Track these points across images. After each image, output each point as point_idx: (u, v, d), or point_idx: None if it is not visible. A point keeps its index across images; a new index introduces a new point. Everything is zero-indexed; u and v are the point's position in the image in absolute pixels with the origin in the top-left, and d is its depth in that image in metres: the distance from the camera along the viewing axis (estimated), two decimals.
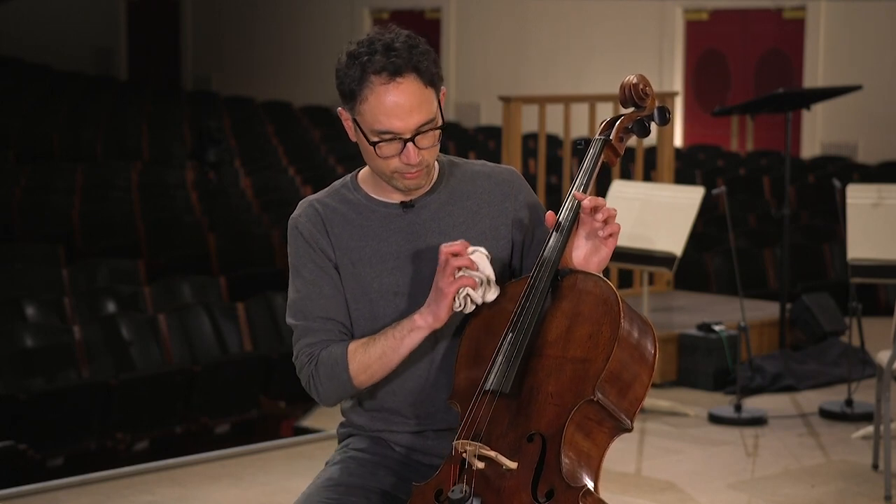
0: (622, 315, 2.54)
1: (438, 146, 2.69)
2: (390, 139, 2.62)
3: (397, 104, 2.59)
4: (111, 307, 7.37)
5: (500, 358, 2.57)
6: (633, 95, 2.79)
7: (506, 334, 2.59)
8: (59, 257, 8.52)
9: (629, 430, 2.58)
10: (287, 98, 18.04)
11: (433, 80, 2.64)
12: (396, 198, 2.76)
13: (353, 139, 2.70)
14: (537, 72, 16.05)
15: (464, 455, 2.53)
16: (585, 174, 2.72)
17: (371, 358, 2.66)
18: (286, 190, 11.53)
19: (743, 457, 5.80)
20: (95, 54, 21.12)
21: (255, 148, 13.96)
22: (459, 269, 2.57)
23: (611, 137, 2.77)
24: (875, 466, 5.45)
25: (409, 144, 2.62)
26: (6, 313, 6.98)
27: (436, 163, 2.78)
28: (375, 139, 2.63)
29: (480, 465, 2.51)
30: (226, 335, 7.28)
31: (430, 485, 2.58)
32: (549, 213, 2.68)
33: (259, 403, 6.98)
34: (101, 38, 21.19)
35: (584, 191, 2.69)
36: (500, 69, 16.37)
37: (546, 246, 2.65)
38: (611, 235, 2.64)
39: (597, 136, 2.80)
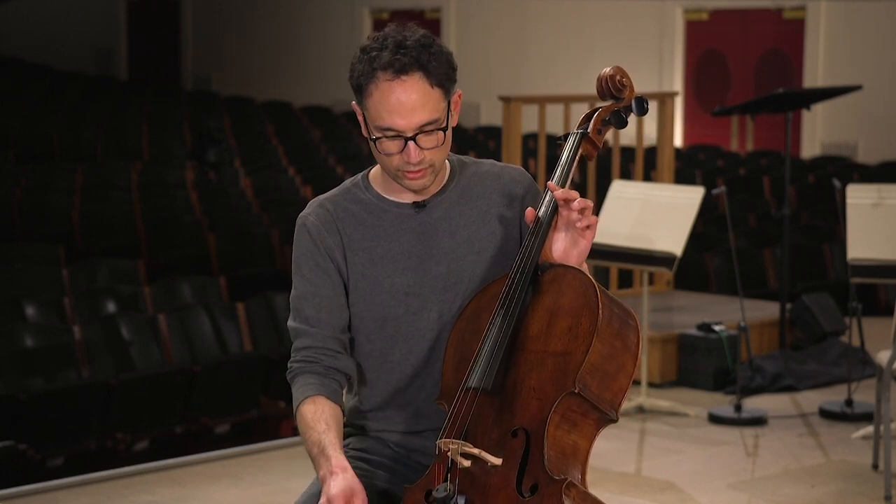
0: (600, 306, 2.53)
1: (446, 147, 2.69)
2: (392, 136, 2.62)
3: (400, 102, 2.59)
4: (111, 307, 7.37)
5: (482, 355, 2.58)
6: (611, 87, 2.79)
7: (487, 331, 2.59)
8: (59, 257, 8.52)
9: (614, 420, 2.57)
10: (287, 98, 18.04)
11: (442, 81, 2.63)
12: (408, 197, 2.76)
13: (365, 135, 2.71)
14: (537, 72, 16.05)
15: (448, 453, 2.52)
16: (563, 168, 2.72)
17: (304, 436, 2.65)
18: (286, 190, 11.52)
19: (743, 457, 5.81)
20: (95, 54, 21.12)
21: (255, 148, 13.96)
22: None
23: (588, 131, 2.77)
24: (875, 466, 5.45)
25: (411, 143, 2.62)
26: (6, 313, 6.98)
27: (447, 162, 2.79)
28: (378, 135, 2.63)
29: (466, 462, 2.51)
30: (226, 335, 7.28)
31: (419, 485, 2.59)
32: (529, 210, 2.68)
33: (259, 403, 6.98)
34: (101, 38, 21.19)
35: (562, 184, 2.68)
36: (500, 69, 16.37)
37: (525, 241, 2.65)
38: (588, 227, 2.63)
39: (574, 130, 2.79)
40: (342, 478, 2.50)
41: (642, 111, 2.80)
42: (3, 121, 13.91)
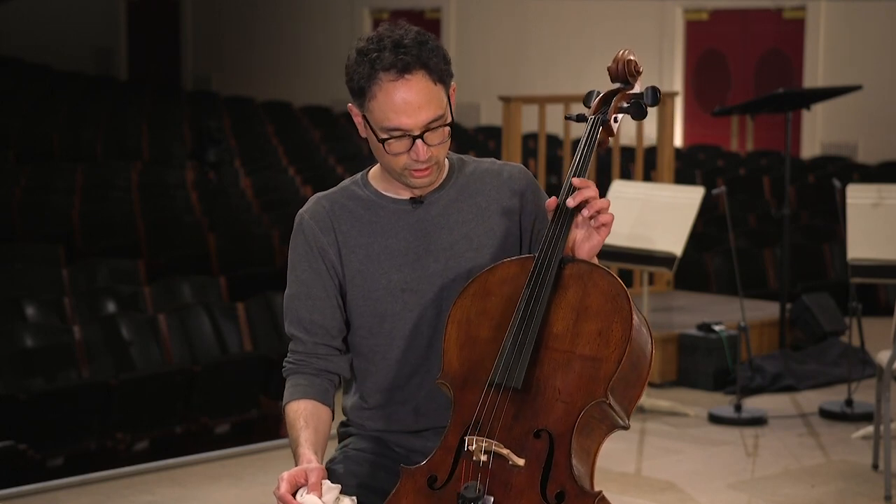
0: (633, 314, 2.49)
1: (448, 143, 2.69)
2: (400, 136, 2.62)
3: (406, 101, 2.59)
4: (111, 307, 7.36)
5: (507, 348, 2.52)
6: (626, 71, 2.75)
7: (512, 323, 2.54)
8: (59, 257, 8.51)
9: (626, 428, 2.54)
10: (287, 98, 18.04)
11: (442, 76, 2.63)
12: (405, 194, 2.76)
13: (364, 135, 2.70)
14: (537, 72, 16.05)
15: (471, 448, 2.47)
16: (583, 157, 2.67)
17: (289, 428, 2.68)
18: (286, 190, 11.52)
19: (743, 457, 5.81)
20: (95, 54, 21.12)
21: (255, 148, 13.95)
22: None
23: (608, 117, 2.73)
24: (875, 466, 5.45)
25: (419, 141, 2.62)
26: (6, 313, 6.97)
27: (446, 160, 2.79)
28: (385, 136, 2.62)
29: (484, 458, 2.47)
30: (226, 335, 7.27)
31: (421, 470, 2.53)
32: (552, 199, 2.63)
33: (259, 403, 6.98)
34: (101, 38, 21.19)
35: (583, 174, 2.64)
36: (500, 69, 16.37)
37: (548, 231, 2.60)
38: (603, 225, 2.60)
39: (592, 115, 2.74)
40: (304, 466, 2.54)
41: (655, 101, 2.74)
42: (3, 121, 13.90)
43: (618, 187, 6.75)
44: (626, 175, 9.64)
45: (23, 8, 19.80)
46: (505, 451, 2.46)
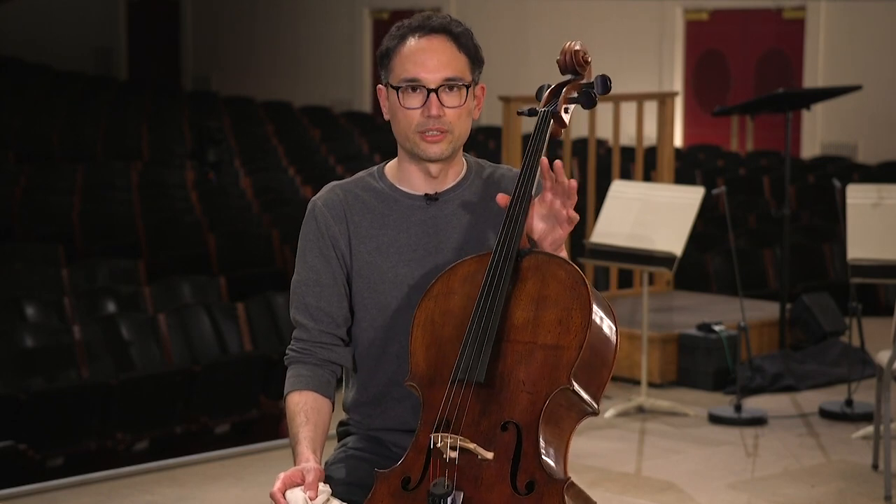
0: (592, 300, 2.51)
1: (467, 119, 2.71)
2: (416, 87, 2.66)
3: (425, 54, 2.67)
4: (111, 307, 7.37)
5: (468, 344, 2.54)
6: (574, 62, 2.77)
7: (472, 319, 2.55)
8: (59, 257, 8.51)
9: (595, 414, 2.56)
10: (287, 98, 18.03)
11: (469, 51, 2.72)
12: (421, 189, 2.77)
13: (387, 117, 2.74)
14: (537, 72, 16.04)
15: (438, 445, 2.48)
16: (534, 150, 2.68)
17: (289, 420, 2.69)
18: (286, 190, 11.52)
19: (743, 457, 5.81)
20: (95, 54, 21.11)
21: (255, 148, 13.95)
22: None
23: (557, 109, 2.74)
24: (875, 466, 5.45)
25: (433, 95, 2.66)
26: (6, 313, 6.97)
27: (464, 161, 2.81)
28: (401, 85, 2.67)
29: (453, 454, 2.48)
30: (226, 335, 7.28)
31: (395, 472, 2.55)
32: (501, 196, 2.65)
33: (259, 403, 6.98)
34: (101, 38, 21.18)
35: (535, 168, 2.64)
36: (500, 69, 16.36)
37: (504, 226, 2.61)
38: (571, 220, 2.61)
39: (542, 108, 2.75)
40: (301, 466, 2.55)
41: (606, 90, 2.75)
42: (3, 121, 13.90)
43: (618, 187, 6.75)
44: (626, 175, 9.64)
45: (23, 8, 19.79)
46: (471, 446, 2.47)
